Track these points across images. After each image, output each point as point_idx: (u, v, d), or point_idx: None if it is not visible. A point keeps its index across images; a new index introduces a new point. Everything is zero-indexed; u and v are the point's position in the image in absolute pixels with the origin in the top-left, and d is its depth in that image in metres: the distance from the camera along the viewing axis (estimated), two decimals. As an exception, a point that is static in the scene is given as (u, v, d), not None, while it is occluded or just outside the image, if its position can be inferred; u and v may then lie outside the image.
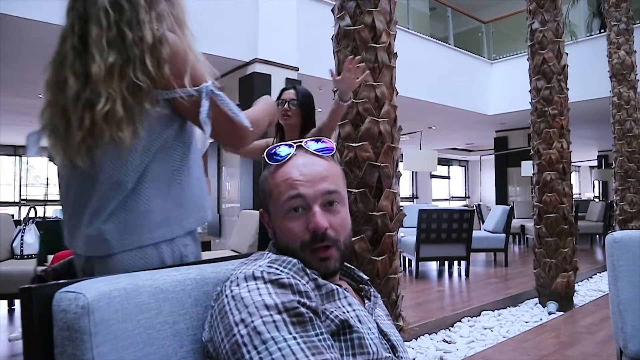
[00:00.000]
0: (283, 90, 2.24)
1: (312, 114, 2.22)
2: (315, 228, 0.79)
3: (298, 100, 2.17)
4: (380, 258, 2.29)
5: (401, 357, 0.83)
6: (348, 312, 0.77)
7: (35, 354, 0.66)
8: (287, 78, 5.04)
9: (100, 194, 0.93)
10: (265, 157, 0.86)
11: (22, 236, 3.71)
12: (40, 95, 6.70)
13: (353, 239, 2.08)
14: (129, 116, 0.90)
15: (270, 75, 4.96)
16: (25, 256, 3.67)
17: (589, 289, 4.78)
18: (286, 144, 0.87)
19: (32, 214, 3.87)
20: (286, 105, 2.15)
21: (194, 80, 0.97)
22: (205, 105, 0.95)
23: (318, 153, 0.87)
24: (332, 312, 0.75)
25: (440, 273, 5.82)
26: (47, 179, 13.09)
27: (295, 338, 0.66)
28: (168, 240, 0.97)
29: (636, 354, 1.43)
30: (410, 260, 5.87)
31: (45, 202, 12.22)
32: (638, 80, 6.02)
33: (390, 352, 0.81)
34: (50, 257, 3.27)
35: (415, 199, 14.53)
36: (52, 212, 8.79)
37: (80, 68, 0.93)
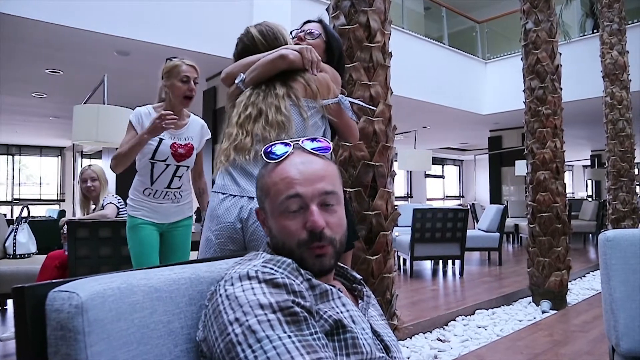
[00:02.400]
0: (307, 22, 1.82)
1: (337, 61, 1.75)
2: (313, 227, 0.80)
3: (321, 34, 1.73)
4: (374, 257, 2.30)
5: (394, 357, 0.83)
6: (342, 312, 0.77)
7: (29, 353, 0.65)
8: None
9: None
10: (263, 155, 0.86)
11: (15, 236, 3.68)
12: (33, 94, 6.66)
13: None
14: None
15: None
16: (18, 256, 3.65)
17: (582, 288, 4.81)
18: (282, 142, 0.87)
19: (24, 214, 3.84)
20: (301, 35, 1.71)
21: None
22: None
23: (315, 152, 0.87)
24: (326, 312, 0.75)
25: (434, 272, 5.84)
26: (40, 178, 13.01)
27: (290, 337, 0.66)
28: None
29: (628, 351, 1.45)
30: (404, 260, 5.88)
31: (38, 202, 12.16)
32: (630, 80, 6.07)
33: (383, 352, 0.81)
34: (43, 257, 3.26)
35: (409, 198, 14.57)
36: (45, 211, 8.73)
37: None
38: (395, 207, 2.46)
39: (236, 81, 1.56)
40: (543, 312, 3.85)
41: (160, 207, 2.34)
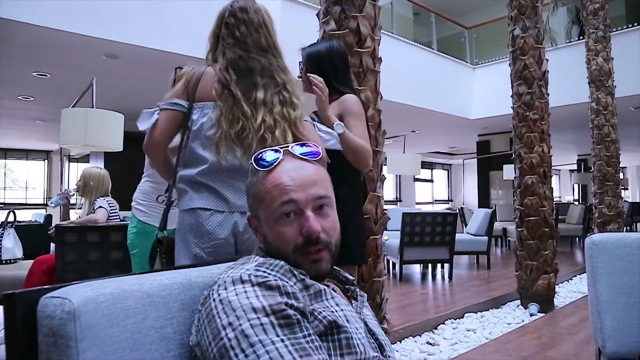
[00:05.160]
0: None
1: (333, 75, 1.89)
2: (309, 232, 0.80)
3: (301, 64, 1.92)
4: (365, 261, 2.30)
5: (388, 356, 0.84)
6: (336, 311, 0.78)
7: (19, 360, 0.65)
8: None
9: None
10: (253, 162, 0.86)
11: (1, 241, 3.63)
12: (20, 97, 6.58)
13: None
14: None
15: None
16: (4, 261, 3.59)
17: (569, 291, 4.87)
18: (272, 149, 0.87)
19: (11, 218, 3.79)
20: None
21: None
22: None
23: (305, 157, 0.87)
24: (321, 312, 0.76)
25: (423, 276, 5.87)
26: (26, 182, 12.83)
27: (282, 340, 0.66)
28: None
29: (614, 353, 1.47)
30: (394, 263, 5.90)
31: (24, 206, 11.98)
32: (615, 86, 6.17)
33: (377, 352, 0.82)
34: (29, 262, 3.21)
35: (398, 202, 14.61)
36: (32, 215, 8.60)
37: None
38: (385, 211, 2.47)
39: (335, 125, 1.71)
40: (531, 315, 3.89)
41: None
